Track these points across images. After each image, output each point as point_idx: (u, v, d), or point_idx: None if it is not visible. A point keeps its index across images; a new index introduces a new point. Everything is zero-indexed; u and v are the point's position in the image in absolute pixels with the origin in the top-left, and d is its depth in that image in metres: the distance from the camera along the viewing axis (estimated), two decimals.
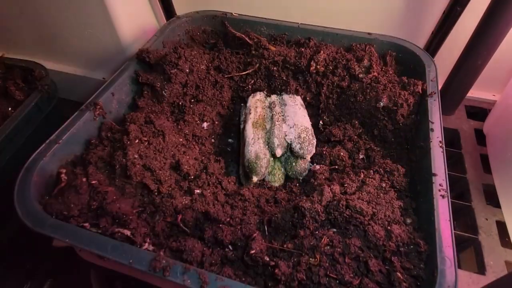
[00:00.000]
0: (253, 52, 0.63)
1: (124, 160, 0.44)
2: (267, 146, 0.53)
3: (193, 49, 0.63)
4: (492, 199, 0.57)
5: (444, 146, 0.44)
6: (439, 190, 0.40)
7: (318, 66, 0.59)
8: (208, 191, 0.47)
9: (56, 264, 0.73)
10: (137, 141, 0.47)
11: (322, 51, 0.59)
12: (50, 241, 0.44)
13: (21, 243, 0.76)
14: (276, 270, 0.36)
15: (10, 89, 0.73)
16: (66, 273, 0.72)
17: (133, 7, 0.77)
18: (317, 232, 0.40)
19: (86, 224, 0.40)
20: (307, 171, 0.54)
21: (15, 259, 0.75)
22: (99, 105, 0.50)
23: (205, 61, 0.61)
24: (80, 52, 0.84)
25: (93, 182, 0.43)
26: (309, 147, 0.52)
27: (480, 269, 0.49)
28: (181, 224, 0.41)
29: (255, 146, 0.52)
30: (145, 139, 0.48)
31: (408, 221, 0.42)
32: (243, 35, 0.65)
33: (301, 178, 0.54)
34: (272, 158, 0.54)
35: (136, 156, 0.45)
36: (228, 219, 0.41)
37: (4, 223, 0.74)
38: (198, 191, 0.46)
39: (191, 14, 0.69)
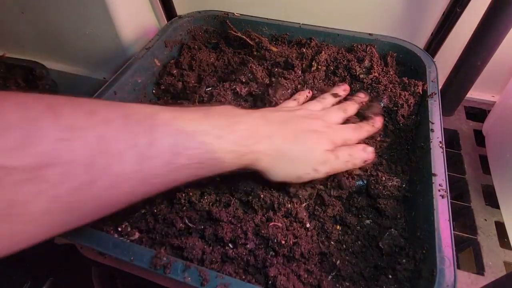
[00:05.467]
0: (255, 53, 0.63)
1: None
2: None
3: (202, 50, 0.64)
4: (491, 199, 0.57)
5: (444, 146, 0.44)
6: (439, 190, 0.40)
7: (320, 67, 0.59)
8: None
9: (56, 263, 0.73)
10: None
11: (323, 52, 0.59)
12: (52, 238, 0.45)
13: None
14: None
15: (11, 88, 0.73)
16: (66, 272, 0.72)
17: (134, 7, 0.77)
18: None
19: None
20: None
21: (15, 258, 0.75)
22: None
23: (212, 59, 0.62)
24: (81, 51, 0.84)
25: None
26: None
27: (479, 269, 0.49)
28: (186, 221, 0.42)
29: None
30: None
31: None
32: (244, 36, 0.65)
33: None
34: None
35: None
36: (230, 218, 0.42)
37: None
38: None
39: (193, 14, 0.70)
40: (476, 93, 0.76)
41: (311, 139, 0.39)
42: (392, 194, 0.44)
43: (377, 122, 0.49)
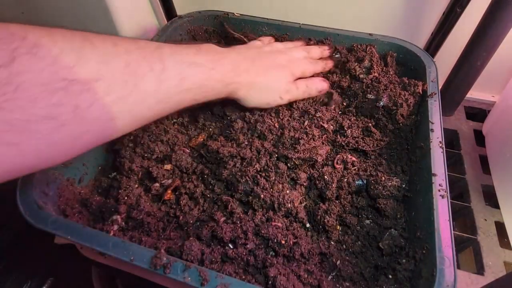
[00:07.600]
0: None
1: None
2: None
3: None
4: (491, 199, 0.57)
5: (444, 146, 0.44)
6: (439, 190, 0.40)
7: None
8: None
9: (56, 264, 0.73)
10: None
11: None
12: (52, 239, 0.45)
13: (22, 242, 0.76)
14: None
15: None
16: (67, 272, 0.72)
17: (134, 7, 0.77)
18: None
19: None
20: None
21: (15, 258, 0.75)
22: None
23: None
24: None
25: None
26: None
27: (479, 269, 0.49)
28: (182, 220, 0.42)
29: None
30: None
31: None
32: (242, 36, 0.65)
33: None
34: None
35: None
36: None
37: (6, 222, 0.74)
38: None
39: (193, 14, 0.70)
40: (476, 93, 0.76)
41: (278, 72, 0.49)
42: (392, 194, 0.44)
43: (329, 63, 0.59)
